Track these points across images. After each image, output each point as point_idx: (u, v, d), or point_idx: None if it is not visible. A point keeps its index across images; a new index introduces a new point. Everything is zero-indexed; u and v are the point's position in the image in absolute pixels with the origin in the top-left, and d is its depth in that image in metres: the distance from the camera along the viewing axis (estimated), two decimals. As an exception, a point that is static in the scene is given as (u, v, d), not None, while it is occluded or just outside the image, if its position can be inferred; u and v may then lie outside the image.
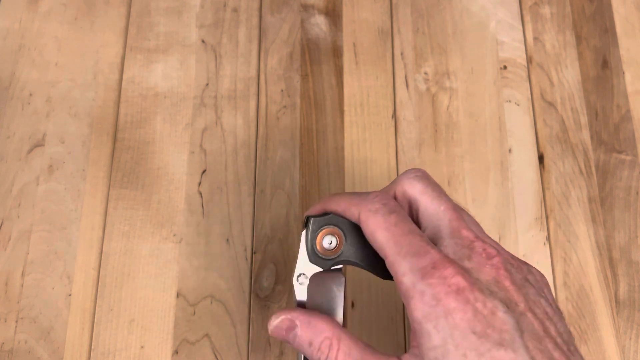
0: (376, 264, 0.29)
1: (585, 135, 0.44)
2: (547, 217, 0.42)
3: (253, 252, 0.40)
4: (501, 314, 0.24)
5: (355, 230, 0.29)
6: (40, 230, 0.40)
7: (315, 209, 0.30)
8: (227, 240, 0.40)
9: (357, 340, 0.27)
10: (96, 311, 0.39)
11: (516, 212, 0.42)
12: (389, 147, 0.43)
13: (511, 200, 0.42)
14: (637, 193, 0.43)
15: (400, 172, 0.42)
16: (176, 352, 0.38)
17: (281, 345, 0.38)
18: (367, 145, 0.43)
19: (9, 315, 0.38)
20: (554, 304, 0.27)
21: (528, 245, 0.41)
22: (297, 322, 0.28)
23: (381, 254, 0.27)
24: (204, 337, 0.38)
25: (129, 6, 0.46)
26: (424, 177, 0.29)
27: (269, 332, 0.28)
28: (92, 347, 0.38)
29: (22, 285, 0.39)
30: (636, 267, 0.41)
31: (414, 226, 0.27)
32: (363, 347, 0.27)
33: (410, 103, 0.44)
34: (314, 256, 0.29)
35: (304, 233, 0.29)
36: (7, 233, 0.40)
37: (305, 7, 0.47)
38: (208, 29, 0.46)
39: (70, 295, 0.39)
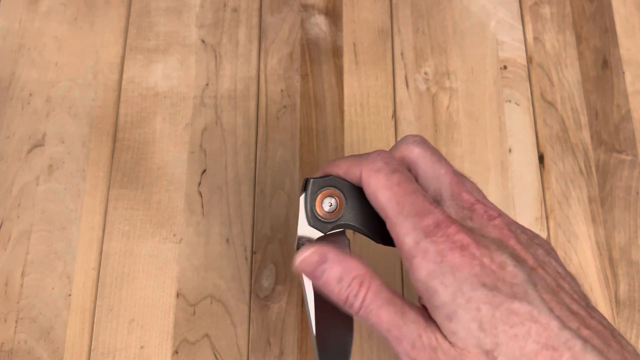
0: (377, 229, 0.28)
1: (586, 135, 0.44)
2: (547, 217, 0.42)
3: (253, 252, 0.40)
4: (511, 268, 0.24)
5: (356, 193, 0.28)
6: (40, 230, 0.40)
7: (316, 175, 0.29)
8: (227, 240, 0.40)
9: (386, 284, 0.26)
10: (96, 311, 0.39)
11: (516, 212, 0.42)
12: (389, 147, 0.43)
13: (511, 200, 0.42)
14: (637, 193, 0.43)
15: (400, 172, 0.42)
16: (176, 352, 0.38)
17: (281, 345, 0.38)
18: (367, 145, 0.43)
19: (9, 315, 0.38)
20: (564, 267, 0.26)
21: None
22: (329, 257, 0.26)
23: (382, 215, 0.26)
24: (204, 337, 0.38)
25: (129, 6, 0.46)
26: (423, 142, 0.28)
27: (295, 265, 0.27)
28: (92, 347, 0.38)
29: (22, 285, 0.39)
30: (636, 267, 0.41)
31: (416, 186, 0.26)
32: (392, 290, 0.26)
33: (410, 103, 0.44)
34: (314, 219, 0.28)
35: (302, 197, 0.28)
36: (7, 233, 0.40)
37: (305, 7, 0.47)
38: (208, 29, 0.46)
39: (70, 295, 0.39)
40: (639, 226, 0.42)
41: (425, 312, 0.25)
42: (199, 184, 0.42)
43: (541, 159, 0.44)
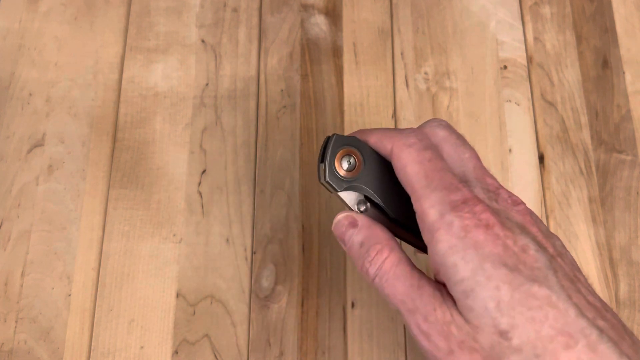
0: (391, 201, 0.28)
1: (586, 135, 0.44)
2: (547, 217, 0.42)
3: (253, 252, 0.40)
4: (532, 252, 0.24)
5: (377, 161, 0.28)
6: (40, 230, 0.40)
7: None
8: (227, 240, 0.40)
9: (408, 258, 0.26)
10: (96, 311, 0.39)
11: (516, 212, 0.42)
12: (389, 147, 0.43)
13: (511, 200, 0.42)
14: (637, 193, 0.43)
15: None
16: (176, 352, 0.38)
17: (281, 345, 0.38)
18: (367, 145, 0.43)
19: (9, 315, 0.38)
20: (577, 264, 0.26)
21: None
22: (359, 222, 0.27)
23: (408, 189, 0.26)
24: (203, 337, 0.38)
25: (129, 6, 0.46)
26: (447, 126, 0.29)
27: (332, 227, 0.28)
28: (92, 347, 0.38)
29: (21, 285, 0.39)
30: (636, 268, 0.41)
31: (446, 164, 0.26)
32: (412, 264, 0.26)
33: (410, 103, 0.44)
34: (331, 174, 0.28)
35: (323, 149, 0.28)
36: (7, 233, 0.40)
37: (305, 7, 0.47)
38: (208, 29, 0.46)
39: (70, 295, 0.39)
40: (639, 226, 0.42)
41: (443, 288, 0.25)
42: (199, 184, 0.42)
43: (541, 159, 0.44)
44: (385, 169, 0.28)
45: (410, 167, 0.26)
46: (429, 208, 0.25)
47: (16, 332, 0.38)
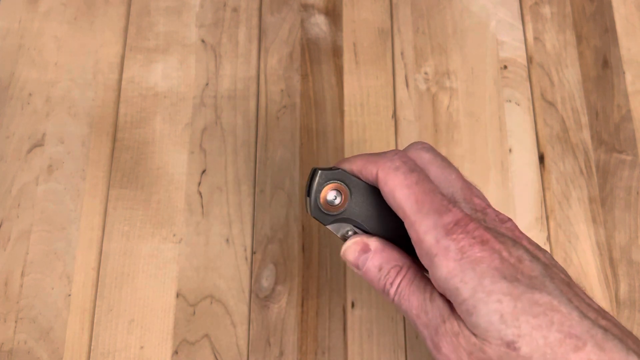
0: (381, 228, 0.28)
1: (586, 135, 0.44)
2: (547, 217, 0.42)
3: (253, 252, 0.40)
4: (528, 262, 0.24)
5: (362, 190, 0.28)
6: (39, 230, 0.40)
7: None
8: (227, 240, 0.40)
9: (423, 274, 0.27)
10: (96, 311, 0.39)
11: (516, 212, 0.42)
12: (389, 147, 0.43)
13: (511, 200, 0.42)
14: (637, 193, 0.43)
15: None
16: (176, 352, 0.38)
17: (281, 345, 0.38)
18: (367, 145, 0.43)
19: (9, 316, 0.38)
20: None
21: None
22: (372, 247, 0.28)
23: (400, 214, 0.26)
24: (203, 337, 0.38)
25: (129, 6, 0.46)
26: (431, 148, 0.29)
27: (341, 253, 0.28)
28: (92, 347, 0.38)
29: (21, 286, 0.39)
30: (636, 267, 0.41)
31: (434, 185, 0.26)
32: (426, 279, 0.27)
33: (410, 103, 0.44)
34: (316, 210, 0.28)
35: (307, 186, 0.28)
36: (7, 233, 0.40)
37: (305, 7, 0.47)
38: (208, 29, 0.46)
39: (69, 295, 0.39)
40: (639, 226, 0.42)
41: (451, 303, 0.25)
42: (199, 184, 0.42)
43: (541, 159, 0.43)
44: (371, 196, 0.28)
45: (399, 192, 0.26)
46: (424, 235, 0.25)
47: (16, 332, 0.38)
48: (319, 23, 0.46)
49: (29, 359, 0.37)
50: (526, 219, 0.42)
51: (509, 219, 0.27)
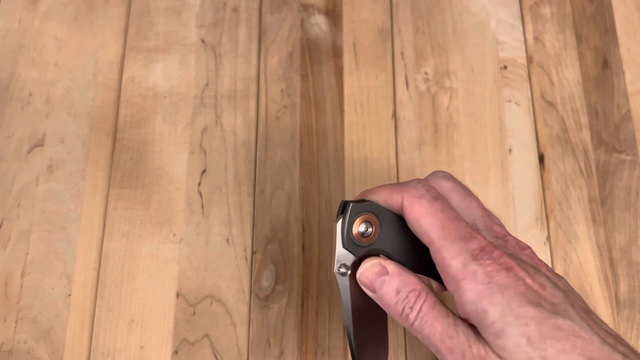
0: (409, 257, 0.29)
1: (586, 135, 0.44)
2: (547, 217, 0.42)
3: (253, 252, 0.40)
4: (550, 289, 0.25)
5: (392, 221, 0.29)
6: (40, 230, 0.40)
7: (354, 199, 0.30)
8: (227, 240, 0.40)
9: (440, 300, 0.28)
10: (96, 311, 0.39)
11: (516, 212, 0.42)
12: (389, 147, 0.43)
13: (511, 200, 0.42)
14: (637, 193, 0.43)
15: (401, 172, 0.42)
16: (176, 352, 0.38)
17: (281, 345, 0.38)
18: (367, 145, 0.43)
19: (9, 316, 0.38)
20: None
21: (528, 245, 0.41)
22: (389, 270, 0.28)
23: (425, 240, 0.27)
24: (203, 337, 0.38)
25: (129, 6, 0.46)
26: (452, 177, 0.30)
27: (357, 275, 0.28)
28: (92, 347, 0.38)
29: (21, 286, 0.39)
30: (636, 267, 0.41)
31: (457, 213, 0.27)
32: (445, 305, 0.27)
33: (410, 103, 0.44)
34: (349, 242, 0.28)
35: (340, 221, 0.29)
36: (7, 233, 0.40)
37: (305, 7, 0.47)
38: (208, 29, 0.46)
39: (70, 295, 0.39)
40: (639, 226, 0.42)
41: (474, 328, 0.26)
42: (199, 184, 0.42)
43: (541, 159, 0.44)
44: (398, 224, 0.29)
45: (424, 220, 0.27)
46: (451, 260, 0.26)
47: (16, 332, 0.38)
48: (319, 23, 0.46)
49: (29, 359, 0.37)
50: (526, 219, 0.42)
51: (528, 247, 0.28)
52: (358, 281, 0.29)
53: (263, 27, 0.46)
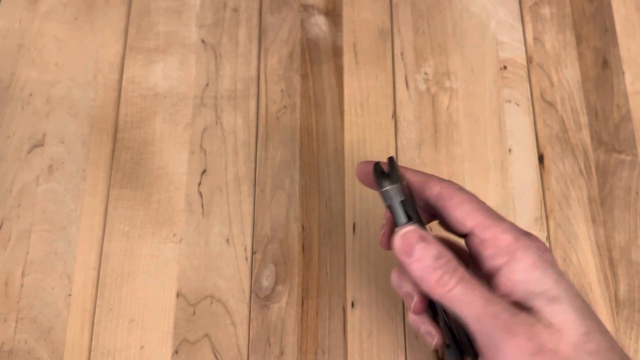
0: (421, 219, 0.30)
1: (585, 135, 0.44)
2: (547, 217, 0.42)
3: (253, 252, 0.40)
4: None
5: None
6: (40, 230, 0.40)
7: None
8: (227, 240, 0.40)
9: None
10: (96, 311, 0.39)
11: (516, 212, 0.42)
12: (389, 147, 0.43)
13: (511, 200, 0.42)
14: (637, 193, 0.43)
15: (400, 172, 0.42)
16: (176, 352, 0.38)
17: (281, 345, 0.38)
18: (367, 145, 0.43)
19: (9, 315, 0.38)
20: None
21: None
22: (427, 237, 0.28)
23: (469, 221, 0.29)
24: (204, 337, 0.38)
25: (129, 6, 0.46)
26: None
27: (395, 240, 0.29)
28: (92, 347, 0.38)
29: (22, 285, 0.39)
30: (636, 267, 0.41)
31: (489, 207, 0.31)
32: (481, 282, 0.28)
33: (410, 103, 0.44)
34: (380, 177, 0.29)
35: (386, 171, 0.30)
36: (7, 233, 0.40)
37: (305, 7, 0.47)
38: (208, 29, 0.46)
39: (70, 295, 0.39)
40: (639, 226, 0.42)
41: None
42: (199, 184, 0.42)
43: (541, 159, 0.44)
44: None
45: (469, 204, 0.29)
46: (503, 233, 0.28)
47: (16, 332, 0.38)
48: (319, 23, 0.46)
49: (29, 359, 0.37)
50: (526, 219, 0.42)
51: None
52: (395, 245, 0.29)
53: (263, 27, 0.46)
